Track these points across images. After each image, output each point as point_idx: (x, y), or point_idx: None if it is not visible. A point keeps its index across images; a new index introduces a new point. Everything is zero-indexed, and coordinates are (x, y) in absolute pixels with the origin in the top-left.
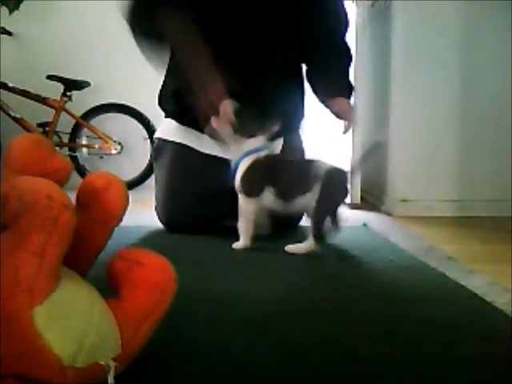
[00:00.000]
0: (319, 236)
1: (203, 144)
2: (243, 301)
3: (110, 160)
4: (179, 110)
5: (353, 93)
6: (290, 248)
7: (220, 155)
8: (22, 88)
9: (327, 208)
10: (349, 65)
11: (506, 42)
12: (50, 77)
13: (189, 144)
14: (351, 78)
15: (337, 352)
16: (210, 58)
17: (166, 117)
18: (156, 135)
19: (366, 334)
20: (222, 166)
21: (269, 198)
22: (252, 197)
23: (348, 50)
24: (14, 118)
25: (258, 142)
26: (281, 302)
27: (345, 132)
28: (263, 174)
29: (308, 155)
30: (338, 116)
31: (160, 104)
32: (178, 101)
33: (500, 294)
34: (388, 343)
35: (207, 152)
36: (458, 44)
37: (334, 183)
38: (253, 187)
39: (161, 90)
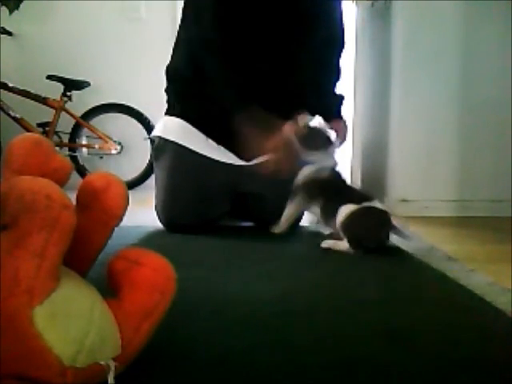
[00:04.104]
0: (357, 247)
1: (205, 147)
2: (243, 301)
3: (110, 160)
4: (188, 108)
5: (344, 102)
6: (327, 243)
7: (223, 160)
8: (22, 88)
9: (356, 239)
10: (339, 77)
11: (506, 42)
12: (49, 77)
13: (191, 147)
14: (348, 80)
15: (336, 352)
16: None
17: (166, 114)
18: (156, 133)
19: (366, 335)
20: (224, 168)
21: (316, 208)
22: (304, 198)
23: (340, 68)
24: (14, 118)
25: (323, 157)
26: (281, 302)
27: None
28: (320, 185)
29: None
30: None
31: (167, 101)
32: (188, 99)
33: (500, 294)
34: (388, 343)
35: (209, 156)
36: (458, 44)
37: (366, 222)
38: (309, 190)
39: (167, 87)
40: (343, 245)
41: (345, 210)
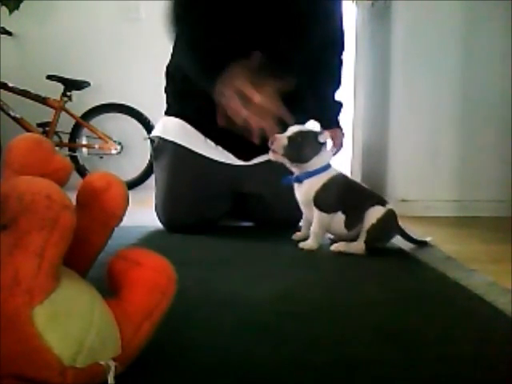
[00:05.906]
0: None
1: (205, 147)
2: (243, 301)
3: (110, 160)
4: (187, 108)
5: (342, 110)
6: (340, 245)
7: (222, 160)
8: (22, 88)
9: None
10: (340, 84)
11: (507, 42)
12: (49, 77)
13: (190, 147)
14: (348, 80)
15: (336, 353)
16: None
17: (165, 114)
18: (155, 133)
19: (366, 335)
20: (224, 168)
21: (338, 223)
22: (328, 213)
23: (340, 74)
24: (14, 118)
25: (325, 158)
26: (281, 303)
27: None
28: (338, 195)
29: None
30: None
31: (167, 101)
32: (187, 99)
33: (500, 294)
34: (388, 343)
35: (209, 156)
36: (459, 44)
37: (385, 227)
38: (330, 204)
39: (166, 87)
40: (357, 247)
41: (376, 213)
